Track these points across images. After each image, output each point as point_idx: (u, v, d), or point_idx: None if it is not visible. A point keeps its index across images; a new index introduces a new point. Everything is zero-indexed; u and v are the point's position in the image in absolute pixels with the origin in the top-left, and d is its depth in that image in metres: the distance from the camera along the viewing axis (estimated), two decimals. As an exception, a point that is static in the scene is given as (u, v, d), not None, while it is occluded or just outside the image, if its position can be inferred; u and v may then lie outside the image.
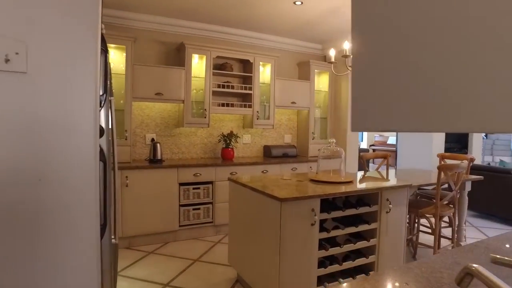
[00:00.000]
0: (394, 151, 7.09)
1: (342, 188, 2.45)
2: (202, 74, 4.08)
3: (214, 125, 4.47)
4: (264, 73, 4.58)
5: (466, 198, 3.36)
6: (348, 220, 2.48)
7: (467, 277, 0.50)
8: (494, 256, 0.64)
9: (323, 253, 2.29)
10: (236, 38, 4.53)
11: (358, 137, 5.17)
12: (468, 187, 3.38)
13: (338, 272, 2.41)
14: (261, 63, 4.44)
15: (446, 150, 6.27)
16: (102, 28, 1.52)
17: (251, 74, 4.34)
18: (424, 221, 3.59)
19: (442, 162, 3.73)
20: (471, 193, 3.46)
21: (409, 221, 3.18)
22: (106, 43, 1.65)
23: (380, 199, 2.53)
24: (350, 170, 4.69)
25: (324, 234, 2.29)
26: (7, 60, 1.16)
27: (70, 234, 1.32)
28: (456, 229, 3.12)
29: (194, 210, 3.82)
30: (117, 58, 3.70)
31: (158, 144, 3.87)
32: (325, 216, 2.29)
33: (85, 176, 1.33)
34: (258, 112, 4.41)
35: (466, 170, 3.21)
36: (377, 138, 12.02)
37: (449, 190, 3.08)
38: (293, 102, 4.69)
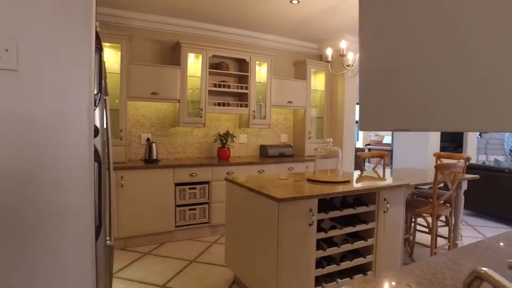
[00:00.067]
0: (390, 151, 7.11)
1: (340, 188, 2.43)
2: (198, 74, 4.05)
3: (210, 124, 4.44)
4: (260, 72, 4.56)
5: (462, 197, 3.37)
6: (345, 220, 2.47)
7: (476, 280, 0.48)
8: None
9: (321, 253, 2.28)
10: (232, 37, 4.50)
11: (354, 136, 5.16)
12: (464, 186, 3.39)
13: (335, 272, 2.40)
14: (257, 63, 4.41)
15: (441, 149, 6.31)
16: (96, 26, 1.49)
17: (247, 74, 4.32)
18: (420, 220, 3.59)
19: (438, 161, 3.74)
20: (466, 192, 3.47)
21: (405, 220, 3.18)
22: (101, 41, 1.62)
23: (377, 199, 2.52)
24: (347, 169, 4.69)
25: (321, 234, 2.27)
26: (-3, 57, 1.13)
27: (64, 236, 1.29)
28: (452, 228, 3.12)
29: (190, 210, 3.80)
30: (112, 57, 3.66)
31: (153, 144, 3.83)
32: (322, 216, 2.28)
33: (79, 177, 1.30)
34: (254, 111, 4.38)
35: (462, 169, 3.22)
36: (372, 138, 12.05)
37: (445, 189, 3.08)
38: (289, 102, 4.68)
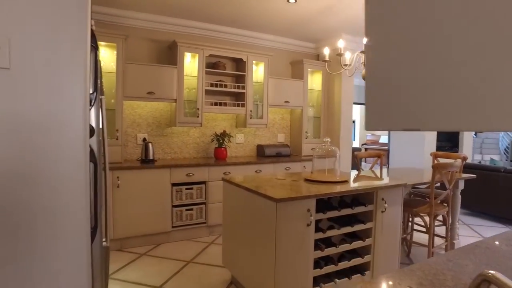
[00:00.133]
0: (386, 150, 7.12)
1: (338, 187, 2.42)
2: (195, 73, 4.03)
3: (207, 124, 4.42)
4: (257, 72, 4.54)
5: (459, 196, 3.38)
6: (343, 220, 2.47)
7: (484, 284, 0.47)
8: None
9: (319, 253, 2.27)
10: (229, 36, 4.48)
11: (351, 136, 5.16)
12: (461, 186, 3.40)
13: (333, 272, 2.39)
14: (254, 62, 4.40)
15: (437, 148, 6.33)
16: (92, 24, 1.47)
17: (244, 73, 4.30)
18: (417, 219, 3.60)
19: (435, 161, 3.75)
20: (463, 191, 3.47)
21: (403, 220, 3.18)
22: (96, 40, 1.59)
23: (375, 199, 2.51)
24: (344, 169, 4.68)
25: (319, 235, 2.26)
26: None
27: (59, 238, 1.27)
28: (449, 227, 3.13)
29: (187, 210, 3.77)
30: (107, 56, 3.63)
31: (150, 144, 3.80)
32: (320, 216, 2.27)
33: (74, 177, 1.28)
34: (251, 111, 4.37)
35: (459, 169, 3.22)
36: (369, 137, 12.08)
37: (441, 188, 3.09)
38: (286, 101, 4.67)
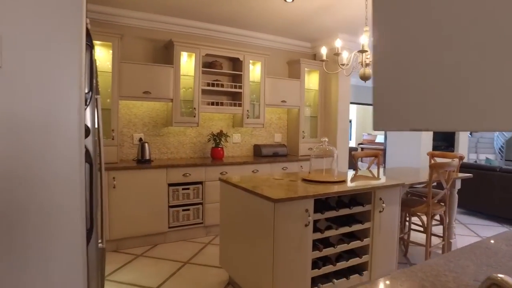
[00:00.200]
0: (383, 150, 7.13)
1: (335, 187, 2.42)
2: (191, 72, 4.00)
3: (204, 124, 4.40)
4: (254, 71, 4.52)
5: (456, 196, 3.38)
6: (341, 220, 2.46)
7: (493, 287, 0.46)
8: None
9: (317, 253, 2.26)
10: (225, 36, 4.46)
11: (348, 135, 5.16)
12: (458, 185, 3.41)
13: (331, 272, 2.38)
14: (251, 62, 4.38)
15: (433, 148, 6.35)
16: (87, 23, 1.44)
17: (241, 73, 4.28)
18: (414, 219, 3.60)
19: (432, 160, 3.76)
20: (459, 190, 3.48)
21: (400, 219, 3.17)
22: (92, 39, 1.57)
23: (373, 199, 2.51)
24: (340, 169, 4.68)
25: (318, 235, 2.25)
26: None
27: (54, 239, 1.25)
28: (446, 226, 3.13)
29: (183, 211, 3.75)
30: (103, 55, 3.59)
31: (146, 144, 3.77)
32: (318, 216, 2.25)
33: (70, 178, 1.26)
34: (248, 111, 4.35)
35: (456, 168, 3.23)
36: (365, 137, 12.11)
37: (438, 188, 3.09)
38: (283, 101, 4.65)
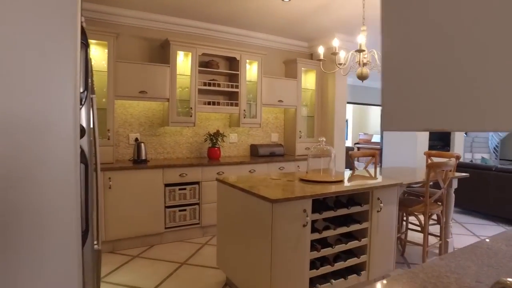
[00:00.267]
0: (379, 149, 7.15)
1: (333, 187, 2.41)
2: (188, 72, 3.98)
3: (200, 124, 4.37)
4: (250, 71, 4.50)
5: (453, 195, 3.39)
6: (338, 220, 2.45)
7: (501, 292, 0.45)
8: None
9: (315, 254, 2.24)
10: (222, 35, 4.44)
11: (345, 135, 5.16)
12: (454, 185, 3.41)
13: (329, 273, 2.37)
14: (247, 61, 4.36)
15: (429, 147, 6.38)
16: (82, 21, 1.42)
17: (238, 72, 4.26)
18: (411, 218, 3.61)
19: (429, 160, 3.76)
20: (455, 190, 3.49)
21: (397, 219, 3.17)
22: (87, 37, 1.54)
23: (371, 198, 2.50)
24: (337, 168, 4.67)
25: (316, 235, 2.24)
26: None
27: (48, 242, 1.22)
28: (443, 226, 3.14)
29: (180, 211, 3.72)
30: (98, 54, 3.55)
31: (142, 144, 3.74)
32: (316, 216, 2.24)
33: (64, 179, 1.23)
34: (244, 110, 4.33)
35: (453, 168, 3.23)
36: (361, 136, 12.15)
37: (435, 187, 3.09)
38: (280, 101, 4.64)
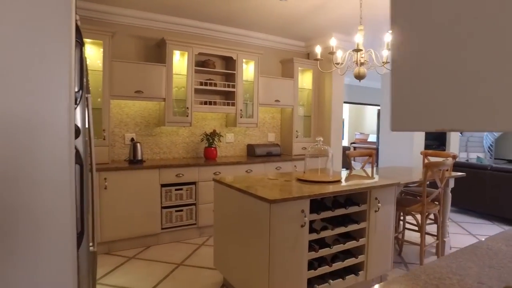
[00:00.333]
0: (375, 149, 7.16)
1: (331, 187, 2.40)
2: (184, 71, 3.95)
3: (197, 124, 4.35)
4: (247, 70, 4.48)
5: (450, 195, 3.39)
6: (336, 220, 2.44)
7: (511, 296, 0.44)
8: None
9: (313, 254, 2.23)
10: (218, 34, 4.41)
11: (342, 135, 5.15)
12: (451, 184, 3.42)
13: (327, 273, 2.36)
14: (244, 61, 4.34)
15: (425, 147, 6.39)
16: (76, 19, 1.39)
17: (234, 72, 4.24)
18: (408, 218, 3.61)
19: (426, 160, 3.77)
20: (452, 189, 3.50)
21: (394, 218, 3.17)
22: (82, 36, 1.52)
23: (369, 198, 2.49)
24: (334, 168, 4.67)
25: (314, 235, 2.23)
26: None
27: (43, 244, 1.20)
28: (440, 225, 3.14)
29: (176, 211, 3.70)
30: (94, 53, 3.52)
31: (138, 144, 3.71)
32: (314, 216, 2.23)
33: (59, 180, 1.21)
34: (241, 110, 4.31)
35: (450, 167, 3.24)
36: (357, 136, 12.18)
37: (432, 187, 3.10)
38: (276, 100, 4.63)
